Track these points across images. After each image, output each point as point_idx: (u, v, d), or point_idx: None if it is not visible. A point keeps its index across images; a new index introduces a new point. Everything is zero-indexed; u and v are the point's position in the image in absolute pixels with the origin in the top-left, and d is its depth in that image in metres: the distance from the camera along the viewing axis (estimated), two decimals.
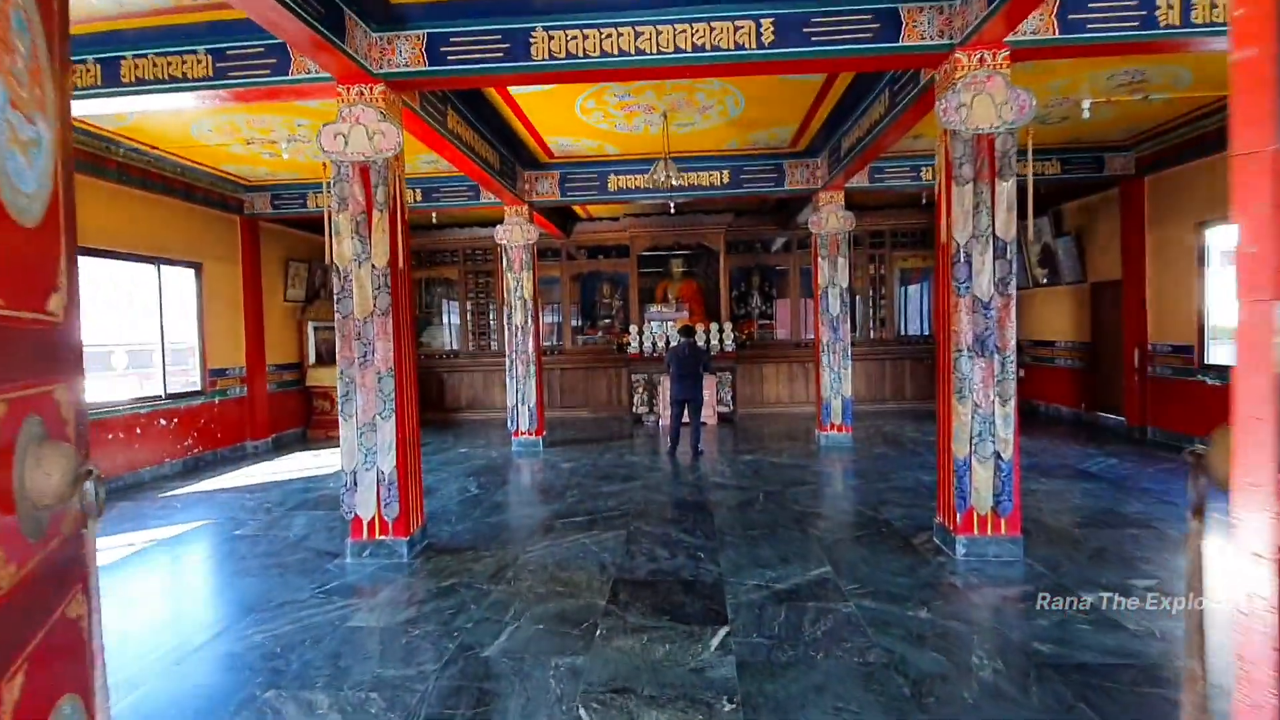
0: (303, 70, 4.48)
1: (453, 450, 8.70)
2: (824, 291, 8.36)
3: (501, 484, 6.66)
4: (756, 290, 12.35)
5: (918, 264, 11.80)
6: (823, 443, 8.38)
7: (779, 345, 11.80)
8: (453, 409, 12.09)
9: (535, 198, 8.55)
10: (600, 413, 11.83)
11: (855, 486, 6.23)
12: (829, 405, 8.37)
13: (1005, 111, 4.09)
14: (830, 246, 8.31)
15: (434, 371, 12.12)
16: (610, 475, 6.93)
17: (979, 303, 4.17)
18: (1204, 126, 7.18)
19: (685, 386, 7.95)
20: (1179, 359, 7.84)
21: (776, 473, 6.86)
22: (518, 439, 8.67)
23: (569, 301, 12.07)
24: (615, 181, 8.46)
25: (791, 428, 9.98)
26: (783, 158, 8.30)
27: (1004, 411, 4.17)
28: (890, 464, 7.14)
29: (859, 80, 5.87)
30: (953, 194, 4.21)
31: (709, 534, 4.87)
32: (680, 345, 8.00)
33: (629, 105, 6.28)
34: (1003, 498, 4.19)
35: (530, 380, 8.58)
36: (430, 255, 12.17)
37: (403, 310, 4.57)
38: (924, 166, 8.34)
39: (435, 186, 8.67)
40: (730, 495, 5.99)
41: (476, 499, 6.10)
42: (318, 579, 4.20)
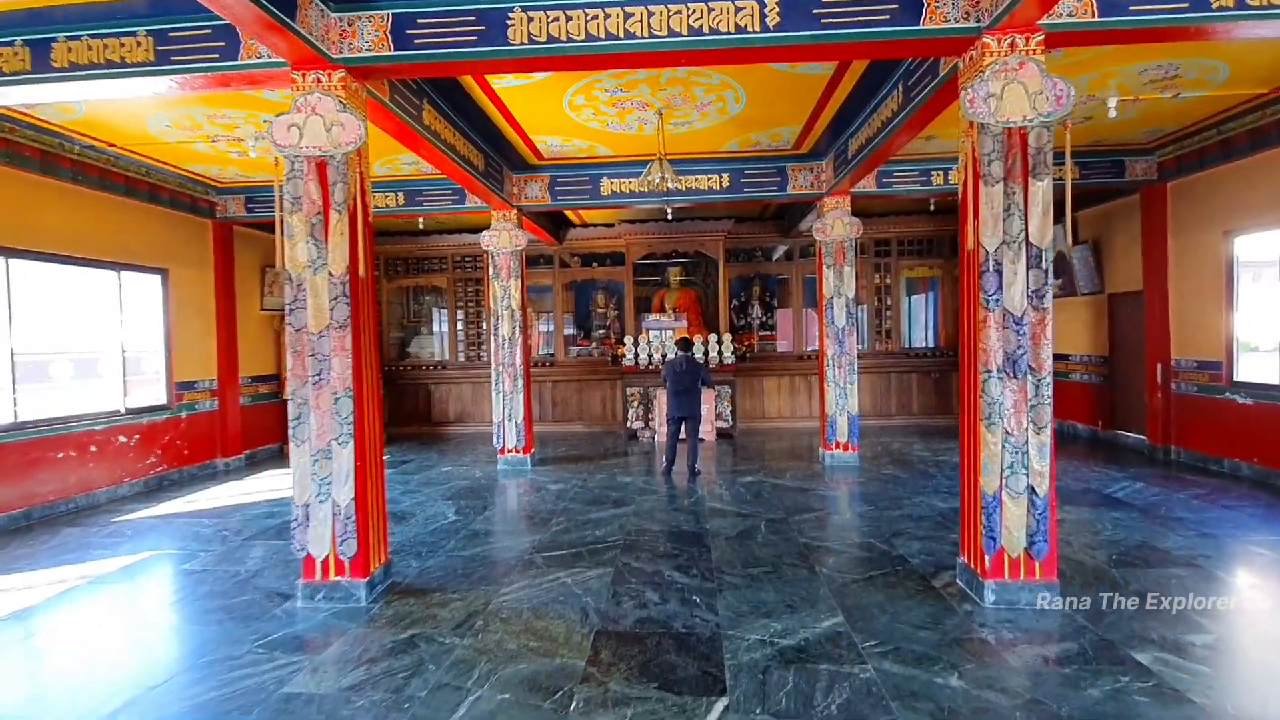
0: (253, 55, 4.02)
1: (435, 469, 8.20)
2: (829, 302, 7.90)
3: (482, 509, 6.16)
4: (757, 300, 11.89)
5: (925, 273, 11.35)
6: (827, 462, 7.89)
7: (780, 358, 11.33)
8: (440, 423, 11.60)
9: (524, 202, 8.10)
10: (594, 427, 11.34)
11: (865, 514, 5.74)
12: (834, 422, 7.89)
13: (1040, 102, 3.63)
14: (836, 255, 7.85)
15: (421, 383, 11.63)
16: (600, 499, 6.43)
17: (1010, 317, 3.70)
18: (1230, 130, 6.74)
19: (683, 402, 7.47)
20: (1205, 375, 7.37)
21: (779, 497, 6.36)
22: (504, 457, 8.17)
23: (562, 311, 11.60)
24: (609, 185, 8.01)
25: (794, 444, 9.49)
26: (786, 160, 7.85)
27: (1039, 441, 3.69)
28: (901, 487, 6.65)
29: (870, 73, 5.42)
30: (980, 195, 3.74)
31: (706, 572, 4.37)
32: (678, 359, 7.53)
33: (621, 101, 5.83)
34: (1037, 538, 3.70)
35: (518, 395, 8.10)
36: (418, 262, 11.71)
37: (364, 323, 4.09)
38: (935, 170, 7.90)
39: (418, 190, 8.21)
40: (730, 523, 5.49)
41: (453, 527, 5.60)
42: (261, 628, 3.70)
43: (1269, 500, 5.89)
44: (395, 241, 11.50)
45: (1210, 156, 7.09)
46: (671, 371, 7.47)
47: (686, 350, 7.67)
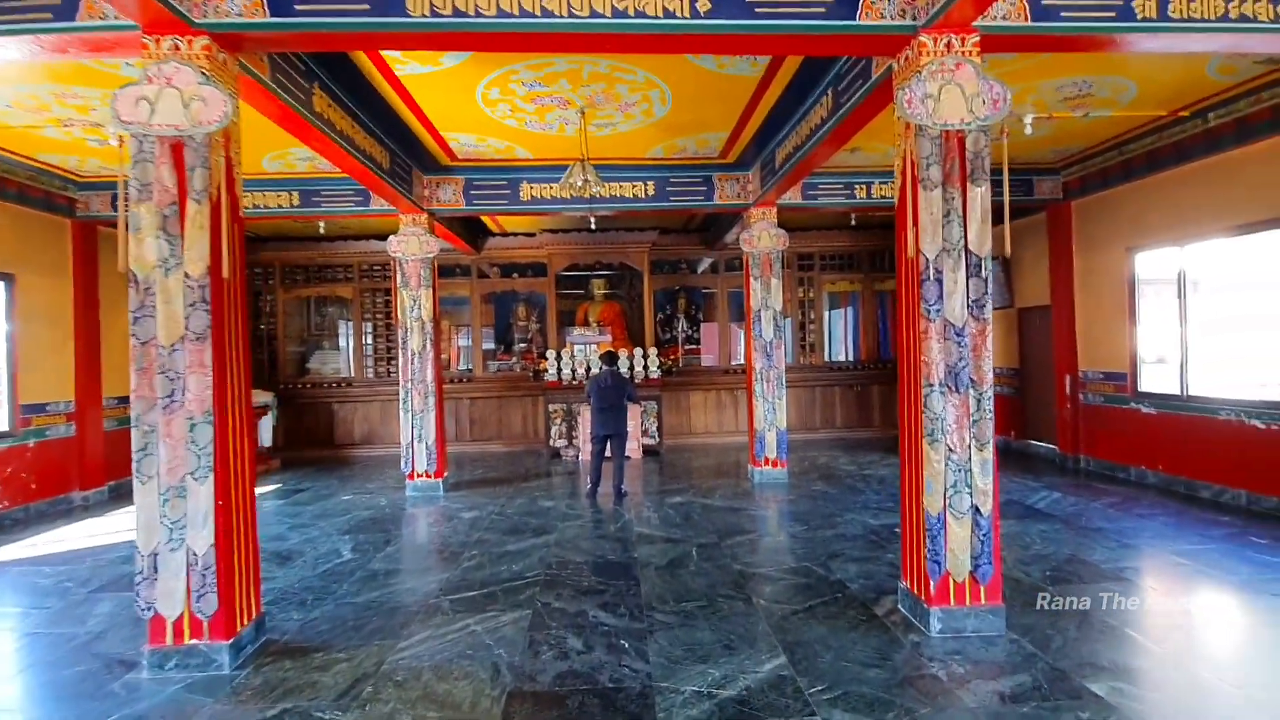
0: (96, 15, 3.37)
1: (334, 498, 7.41)
2: (756, 315, 7.72)
3: (384, 544, 5.51)
4: (682, 314, 11.68)
5: (846, 287, 11.47)
6: (756, 479, 7.67)
7: (706, 372, 11.13)
8: (345, 445, 10.67)
9: (436, 206, 7.52)
10: (515, 445, 10.74)
11: (799, 535, 5.49)
12: (763, 438, 7.69)
13: (977, 105, 3.49)
14: (763, 267, 7.70)
15: (322, 402, 10.69)
16: (519, 528, 5.91)
17: (951, 328, 3.52)
18: (1131, 150, 7.06)
19: (608, 420, 7.06)
20: (1111, 387, 7.65)
21: (710, 518, 6.04)
22: (413, 482, 7.49)
23: (480, 324, 10.98)
24: (529, 190, 7.56)
25: (721, 460, 9.25)
26: (712, 169, 7.65)
27: (981, 457, 3.51)
28: (832, 504, 6.48)
29: (800, 76, 5.25)
30: (920, 201, 3.56)
31: (635, 610, 3.96)
32: (603, 374, 7.12)
33: (540, 97, 5.42)
34: (982, 561, 3.51)
35: (429, 414, 7.45)
36: (320, 270, 10.80)
37: (230, 335, 3.47)
38: (858, 183, 7.91)
39: (315, 189, 7.48)
40: (659, 551, 5.11)
41: (347, 568, 4.94)
42: (92, 710, 2.99)
43: (1177, 507, 6.08)
44: (294, 247, 10.57)
45: (1113, 176, 7.40)
46: (596, 387, 7.06)
47: (612, 364, 7.29)
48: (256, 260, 10.62)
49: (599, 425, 7.07)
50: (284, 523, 6.31)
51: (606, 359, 7.33)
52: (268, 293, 10.73)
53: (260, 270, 10.72)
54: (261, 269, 10.71)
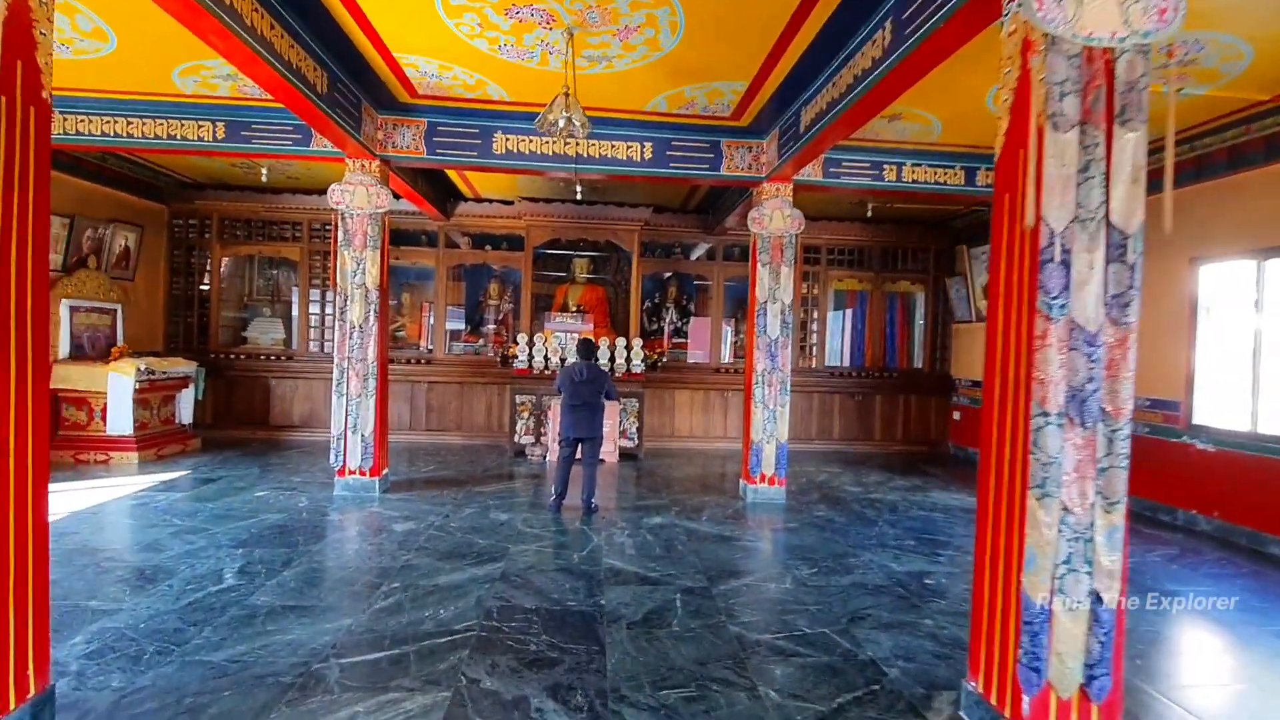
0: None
1: (246, 494, 6.18)
2: (761, 308, 6.61)
3: (282, 565, 4.32)
4: (672, 303, 10.55)
5: (854, 286, 10.43)
6: (750, 498, 6.59)
7: (695, 369, 10.02)
8: (281, 426, 9.40)
9: (391, 152, 6.29)
10: (475, 438, 9.56)
11: (809, 582, 4.41)
12: (759, 451, 6.60)
13: (1136, 15, 2.41)
14: (772, 252, 6.59)
15: (258, 376, 9.39)
16: (461, 550, 4.75)
17: (1081, 335, 2.44)
18: (1207, 145, 6.08)
19: (581, 420, 5.93)
20: (1159, 415, 6.68)
21: (697, 549, 4.95)
22: (343, 480, 6.28)
23: (446, 300, 9.74)
24: (503, 142, 6.36)
25: (707, 470, 8.17)
26: (722, 133, 6.52)
27: (1109, 522, 2.44)
28: (841, 537, 5.42)
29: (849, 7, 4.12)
30: (1045, 146, 2.46)
31: (598, 699, 2.84)
32: (577, 366, 5.99)
33: (518, 8, 4.23)
34: (1099, 671, 2.44)
35: (368, 400, 6.24)
36: (264, 226, 9.48)
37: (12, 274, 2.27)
38: (889, 163, 6.82)
39: (244, 120, 6.19)
40: (634, 597, 3.99)
41: (221, 600, 3.75)
42: None
43: (1250, 566, 5.11)
44: (234, 197, 9.24)
45: (1182, 174, 6.40)
46: (569, 381, 5.92)
47: (589, 356, 6.15)
48: (190, 209, 9.27)
49: (569, 426, 5.94)
50: (170, 524, 5.09)
51: (582, 349, 6.19)
52: (202, 248, 9.38)
53: (195, 221, 9.37)
54: (196, 220, 9.36)
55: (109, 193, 8.13)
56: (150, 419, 7.73)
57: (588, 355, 6.15)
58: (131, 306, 8.50)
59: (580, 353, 6.17)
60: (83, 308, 7.64)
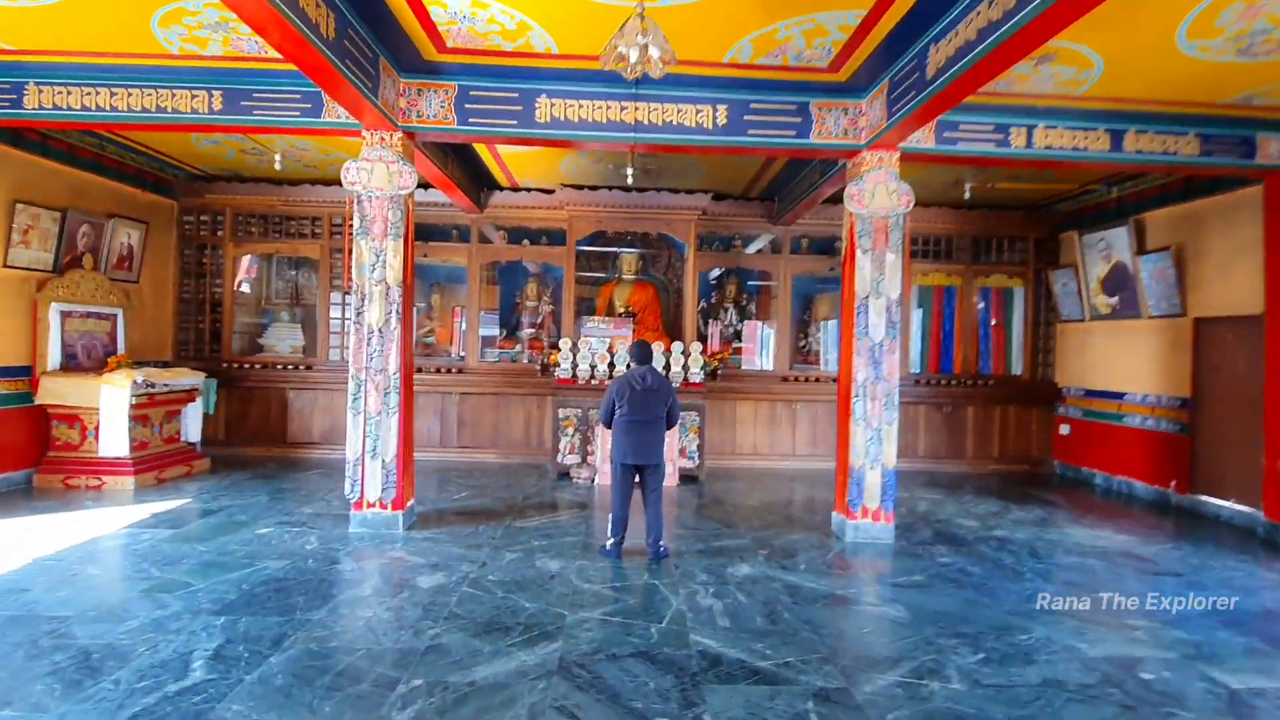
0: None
1: (247, 529, 5.18)
2: (861, 305, 5.42)
3: (273, 644, 3.26)
4: (731, 303, 9.38)
5: (940, 280, 9.11)
6: (849, 535, 5.38)
7: (759, 378, 8.83)
8: (299, 443, 8.47)
9: (416, 122, 5.26)
10: (512, 456, 8.50)
11: (982, 677, 3.19)
12: (861, 478, 5.39)
13: None
14: (875, 236, 5.40)
15: (274, 388, 8.49)
16: (504, 618, 3.66)
17: None
18: None
19: (643, 441, 4.83)
20: None
21: (810, 619, 3.77)
22: (361, 515, 5.25)
23: (478, 301, 8.73)
24: (548, 107, 5.30)
25: (780, 495, 6.98)
26: (812, 91, 5.36)
27: None
28: (990, 596, 4.18)
29: None
30: None
31: None
32: (635, 373, 4.89)
33: None
34: None
35: (390, 419, 5.21)
36: (280, 222, 8.58)
37: None
38: (1016, 125, 5.57)
39: (244, 87, 5.21)
40: (747, 708, 2.83)
41: (179, 708, 2.69)
42: None
43: None
44: (248, 190, 8.36)
45: None
46: (628, 389, 4.81)
47: (648, 360, 5.04)
48: (200, 203, 8.43)
49: (628, 448, 4.81)
50: (145, 577, 4.09)
51: (639, 352, 5.06)
52: (213, 245, 8.53)
53: (205, 217, 8.52)
54: (208, 215, 8.52)
55: (108, 184, 7.30)
56: (150, 438, 6.83)
57: (646, 359, 5.03)
58: (135, 311, 7.65)
59: (637, 356, 5.05)
60: (76, 312, 6.78)
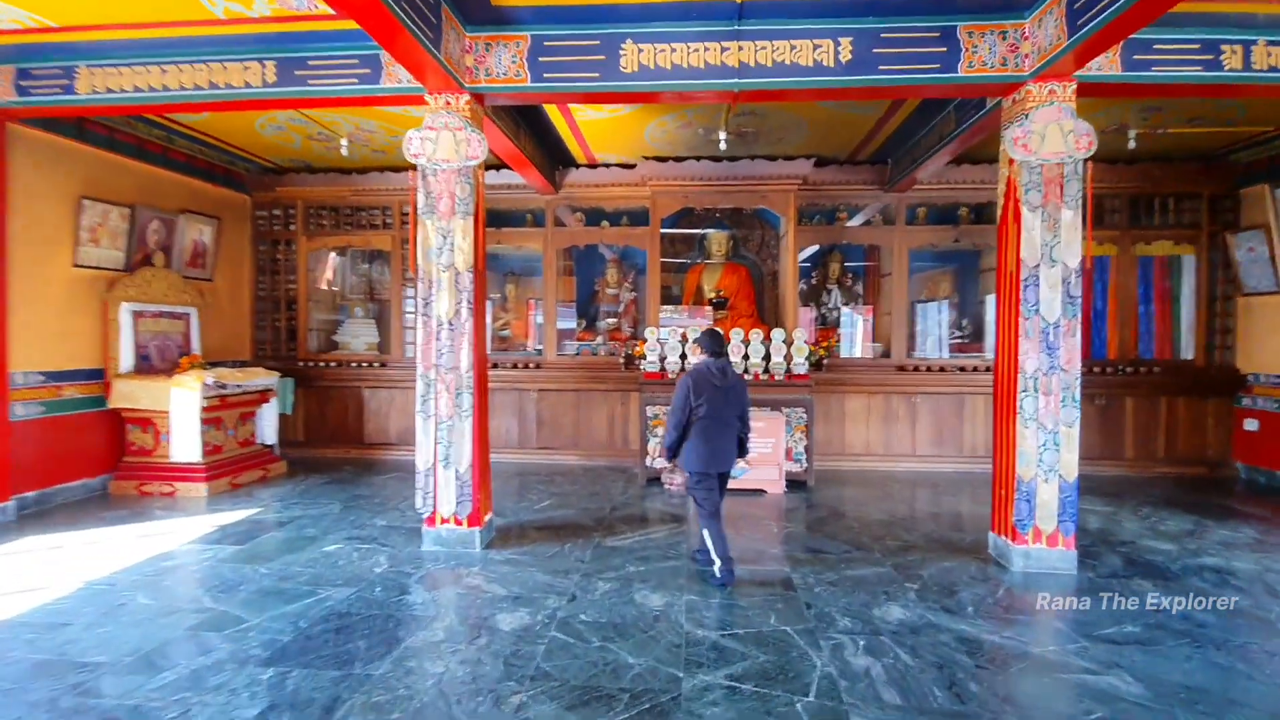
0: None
1: (315, 546, 4.67)
2: (1030, 276, 4.34)
3: (324, 712, 2.62)
4: (835, 283, 8.34)
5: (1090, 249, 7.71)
6: (1017, 564, 4.34)
7: (870, 368, 7.76)
8: (376, 444, 8.08)
9: (485, 82, 4.57)
10: (595, 458, 7.81)
11: None
12: (1032, 493, 4.33)
13: None
14: (1046, 188, 4.30)
15: (350, 387, 8.12)
16: (603, 681, 2.90)
17: None
18: None
19: (726, 445, 4.13)
20: None
21: (1004, 690, 2.83)
22: (433, 531, 4.64)
23: (555, 290, 8.06)
24: (634, 55, 4.49)
25: (903, 504, 5.95)
26: (958, 12, 4.31)
27: None
28: (1247, 662, 3.10)
29: None
30: None
31: None
32: (711, 366, 4.11)
33: None
34: None
35: (462, 421, 4.57)
36: (352, 214, 8.19)
37: None
38: (1228, 43, 4.32)
39: (296, 53, 4.67)
40: None
41: None
42: None
43: None
44: (317, 181, 8.00)
45: None
46: (709, 386, 4.04)
47: (722, 351, 4.24)
48: (272, 197, 8.14)
49: (712, 455, 4.06)
50: (198, 608, 3.59)
51: (711, 341, 4.22)
52: (286, 240, 8.23)
53: (278, 211, 8.23)
54: (280, 209, 8.22)
55: (178, 179, 7.05)
56: (224, 441, 6.53)
57: (721, 351, 4.22)
58: (211, 310, 7.42)
59: (709, 347, 4.22)
60: (149, 312, 6.54)
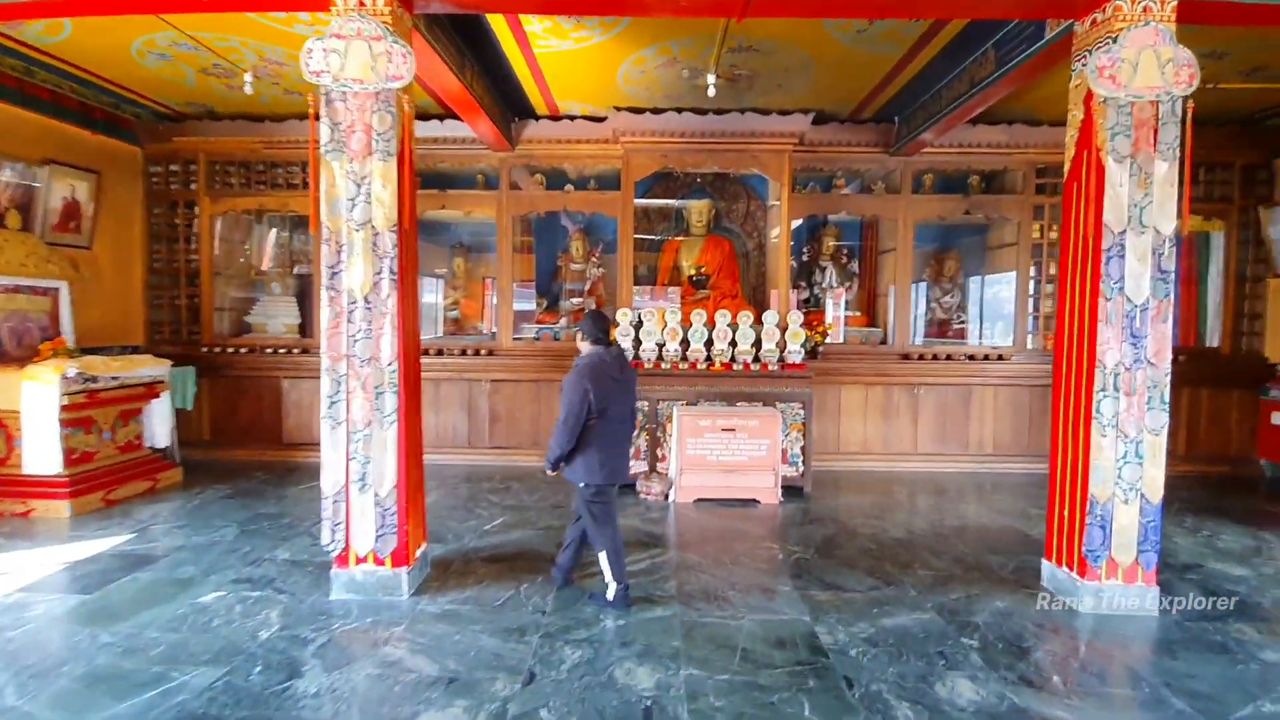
0: None
1: (186, 595, 3.52)
2: (1113, 246, 3.43)
3: None
4: (830, 259, 7.41)
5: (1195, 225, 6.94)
6: (1087, 604, 3.49)
7: (869, 356, 6.87)
8: (296, 445, 6.85)
9: None
10: None
11: None
12: (1107, 516, 3.47)
13: None
14: (1138, 133, 3.39)
15: (267, 377, 6.87)
16: None
17: None
18: None
19: (624, 454, 3.57)
20: None
21: None
22: (347, 575, 3.53)
23: (511, 265, 6.92)
24: None
25: (918, 515, 5.10)
26: None
27: None
28: None
29: None
30: None
31: None
32: (605, 357, 3.44)
33: None
34: None
35: (383, 430, 3.46)
36: (265, 171, 6.86)
37: None
38: None
39: None
40: None
41: None
42: None
43: None
44: (224, 130, 6.64)
45: None
46: (608, 380, 3.38)
47: (608, 333, 3.55)
48: (168, 149, 6.76)
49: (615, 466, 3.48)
50: None
51: (595, 327, 3.50)
52: (186, 201, 6.87)
53: (176, 166, 6.85)
54: (179, 164, 6.84)
55: (40, 122, 5.64)
56: (98, 446, 5.26)
57: (603, 336, 3.49)
58: (89, 284, 6.07)
59: (595, 334, 3.48)
60: (1, 285, 5.20)
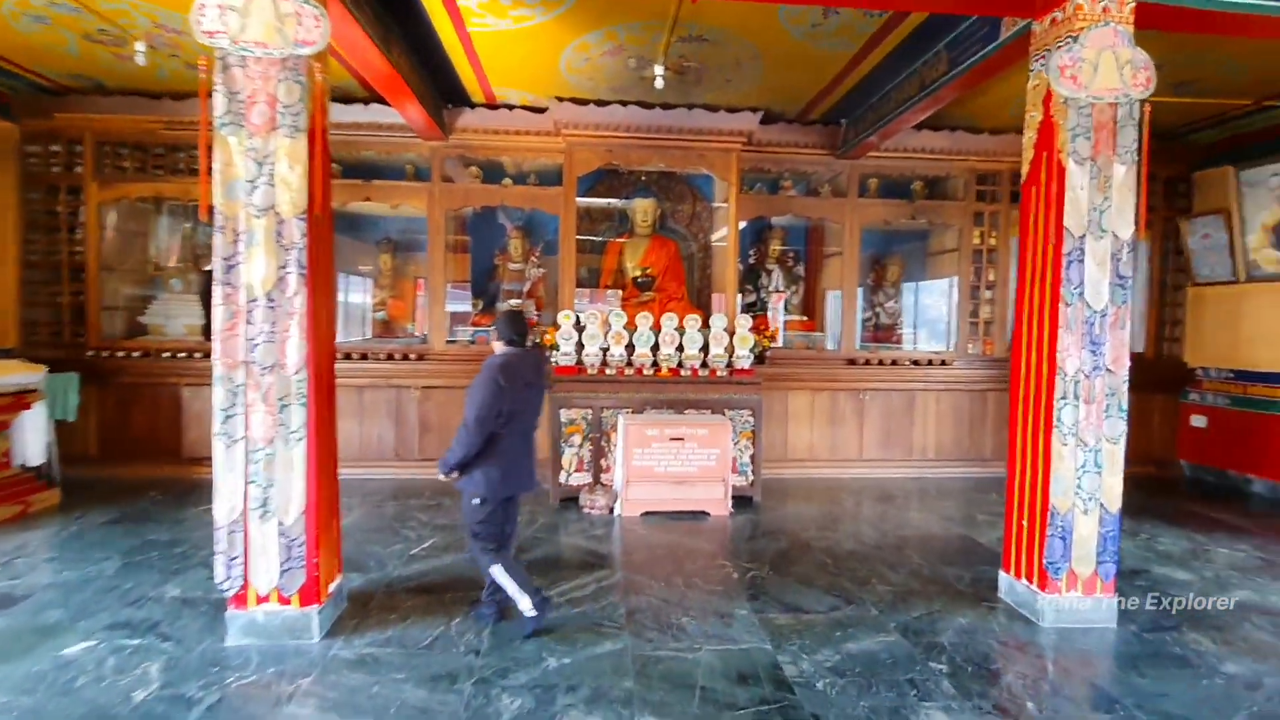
0: None
1: (60, 639, 2.95)
2: (1073, 250, 3.34)
3: None
4: (776, 263, 7.27)
5: None
6: (1047, 618, 3.38)
7: (815, 361, 6.77)
8: (198, 459, 6.12)
9: None
10: None
11: None
12: (1068, 527, 3.38)
13: None
14: (1098, 135, 3.31)
15: (165, 385, 6.16)
16: None
17: None
18: None
19: (528, 458, 3.32)
20: None
21: None
22: (244, 614, 3.04)
23: (444, 263, 6.45)
24: None
25: (868, 524, 4.97)
26: None
27: None
28: None
29: None
30: None
31: None
32: (516, 359, 3.22)
33: None
34: None
35: (289, 448, 3.00)
36: (163, 155, 6.17)
37: None
38: None
39: None
40: None
41: None
42: None
43: None
44: (112, 106, 5.92)
45: None
46: (519, 382, 3.18)
47: (524, 334, 3.31)
48: (48, 127, 5.98)
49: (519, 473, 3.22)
50: None
51: (510, 327, 3.27)
52: (70, 187, 6.09)
53: (58, 146, 6.07)
54: (61, 144, 6.06)
55: None
56: None
57: (522, 335, 3.28)
58: None
59: (509, 334, 3.25)
60: None
